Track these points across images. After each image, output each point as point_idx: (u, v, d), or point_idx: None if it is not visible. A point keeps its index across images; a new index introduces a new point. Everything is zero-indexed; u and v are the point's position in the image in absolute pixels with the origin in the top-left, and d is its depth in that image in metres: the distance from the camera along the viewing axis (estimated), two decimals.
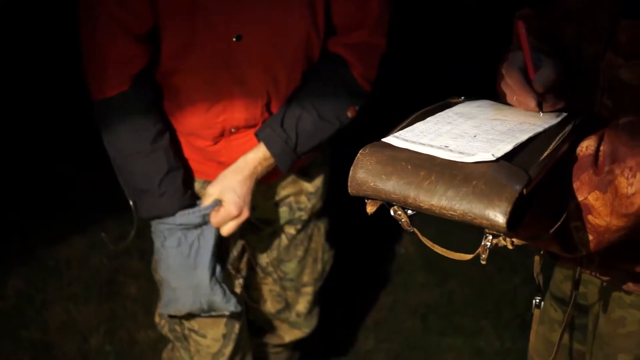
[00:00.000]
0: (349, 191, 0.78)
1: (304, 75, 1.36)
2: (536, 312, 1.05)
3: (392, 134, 0.81)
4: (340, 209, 1.65)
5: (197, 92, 1.29)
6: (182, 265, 1.33)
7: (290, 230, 1.56)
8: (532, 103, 0.84)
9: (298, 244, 1.57)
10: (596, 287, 1.06)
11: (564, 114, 0.87)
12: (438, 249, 0.80)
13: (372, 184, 0.76)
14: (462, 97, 0.94)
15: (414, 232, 0.79)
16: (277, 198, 1.50)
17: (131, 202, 1.33)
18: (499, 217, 0.69)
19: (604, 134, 0.83)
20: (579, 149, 0.82)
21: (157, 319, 1.51)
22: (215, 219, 1.32)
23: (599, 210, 0.80)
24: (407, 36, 3.14)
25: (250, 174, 1.33)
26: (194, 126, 1.33)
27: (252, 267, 1.54)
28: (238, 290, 1.46)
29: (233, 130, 1.34)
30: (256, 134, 1.34)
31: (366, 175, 0.76)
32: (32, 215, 2.48)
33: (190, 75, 1.27)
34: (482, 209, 0.70)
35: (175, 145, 1.35)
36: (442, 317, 2.19)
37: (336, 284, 2.17)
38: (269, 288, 1.61)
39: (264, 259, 1.57)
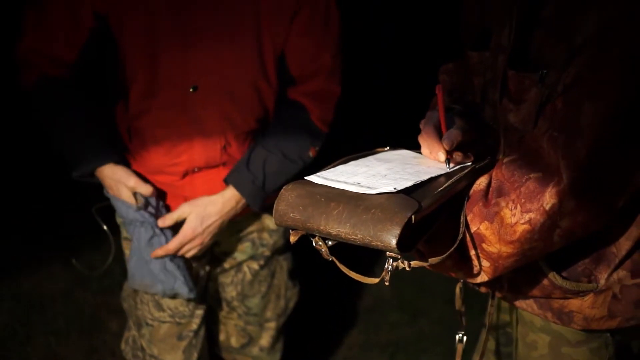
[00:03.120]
0: (274, 222, 0.87)
1: (261, 121, 1.48)
2: (459, 347, 1.13)
3: (315, 174, 0.91)
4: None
5: (160, 135, 1.41)
6: (139, 255, 1.44)
7: (254, 265, 1.63)
8: (442, 157, 0.94)
9: (261, 279, 1.65)
10: (514, 312, 1.14)
11: (469, 165, 0.96)
12: (353, 274, 0.89)
13: (291, 215, 0.85)
14: (387, 147, 1.05)
15: (332, 260, 0.88)
16: (241, 234, 1.60)
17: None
18: (391, 239, 0.78)
19: (495, 169, 0.92)
20: (474, 185, 0.92)
21: (122, 345, 1.59)
22: (175, 239, 1.42)
23: (490, 239, 0.89)
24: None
25: (223, 210, 1.44)
26: (159, 165, 1.44)
27: (215, 262, 1.62)
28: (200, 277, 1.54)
29: (196, 169, 1.45)
30: (225, 180, 1.45)
31: (287, 207, 0.86)
32: (19, 250, 2.57)
33: (153, 119, 1.40)
34: (377, 233, 0.79)
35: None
36: (411, 355, 2.25)
37: (308, 321, 2.25)
38: (234, 323, 1.68)
39: (229, 293, 1.65)
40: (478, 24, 1.05)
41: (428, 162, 0.97)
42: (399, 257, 0.81)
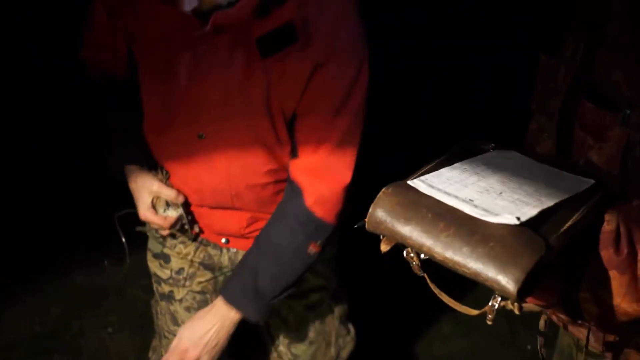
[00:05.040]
0: (366, 227, 0.78)
1: (275, 175, 1.31)
2: None
3: (417, 176, 0.81)
4: (368, 252, 1.68)
5: (172, 169, 1.35)
6: None
7: (298, 307, 1.53)
8: None
9: (308, 324, 1.55)
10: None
11: (591, 181, 0.85)
12: (445, 298, 0.83)
13: (389, 225, 0.76)
14: (492, 145, 0.94)
15: (423, 276, 0.82)
16: None
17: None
18: (511, 285, 0.68)
19: (621, 211, 0.81)
20: (604, 225, 0.81)
21: (150, 353, 1.58)
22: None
23: (616, 291, 0.79)
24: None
25: (221, 331, 1.29)
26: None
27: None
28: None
29: (209, 206, 1.38)
30: (222, 293, 1.31)
31: (385, 215, 0.77)
32: (73, 245, 2.59)
33: (166, 153, 1.34)
34: (495, 272, 0.69)
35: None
36: None
37: (356, 329, 2.20)
38: None
39: (277, 337, 1.57)
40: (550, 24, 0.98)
41: (542, 169, 0.87)
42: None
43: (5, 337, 2.24)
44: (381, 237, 0.81)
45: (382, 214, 0.78)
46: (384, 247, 0.81)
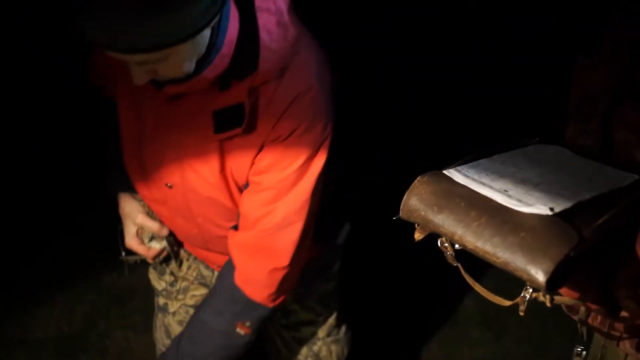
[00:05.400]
0: (400, 214, 0.78)
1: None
2: None
3: (454, 166, 0.81)
4: (404, 246, 1.62)
5: (153, 208, 1.34)
6: None
7: (289, 338, 1.51)
8: None
9: (300, 356, 1.52)
10: None
11: (634, 176, 0.83)
12: (479, 288, 0.81)
13: (422, 213, 0.76)
14: (537, 139, 0.93)
15: (457, 266, 0.80)
16: None
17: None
18: (540, 275, 0.67)
19: None
20: None
21: None
22: None
23: None
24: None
25: None
26: None
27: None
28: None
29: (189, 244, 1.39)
30: None
31: (419, 203, 0.77)
32: (101, 245, 2.60)
33: (143, 193, 1.32)
34: (524, 262, 0.68)
35: None
36: None
37: (384, 331, 2.17)
38: None
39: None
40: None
41: (585, 165, 0.85)
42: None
43: (34, 335, 2.26)
44: (415, 225, 0.80)
45: (415, 202, 0.78)
46: (418, 236, 0.81)
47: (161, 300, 1.52)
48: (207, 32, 1.01)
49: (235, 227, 1.24)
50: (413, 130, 3.04)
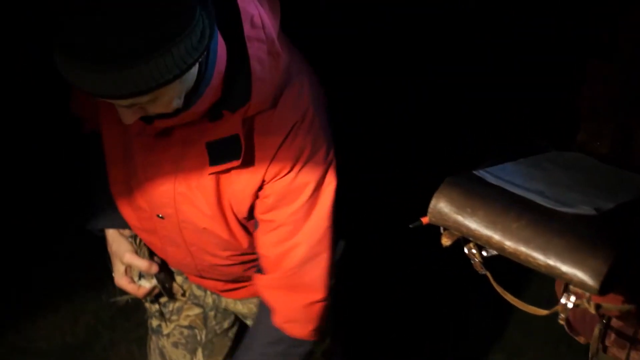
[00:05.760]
0: (429, 219, 0.75)
1: (242, 258, 1.25)
2: None
3: (481, 168, 0.78)
4: (418, 253, 1.55)
5: (145, 239, 1.30)
6: None
7: None
8: None
9: None
10: None
11: None
12: (510, 297, 0.78)
13: (454, 216, 0.73)
14: (550, 146, 0.91)
15: (485, 275, 0.77)
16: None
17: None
18: (592, 279, 0.65)
19: None
20: None
21: None
22: None
23: None
24: None
25: None
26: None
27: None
28: None
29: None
30: None
31: (449, 205, 0.73)
32: (105, 258, 2.58)
33: (134, 224, 1.28)
34: (573, 266, 0.66)
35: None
36: None
37: (395, 351, 2.11)
38: None
39: None
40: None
41: (612, 170, 0.83)
42: (586, 295, 0.68)
43: (37, 345, 2.22)
44: (441, 230, 0.77)
45: (445, 204, 0.74)
46: (446, 241, 0.78)
47: (154, 322, 1.48)
48: (194, 69, 0.97)
49: (259, 270, 1.20)
50: (415, 129, 3.01)
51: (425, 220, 0.81)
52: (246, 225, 1.20)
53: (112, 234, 1.32)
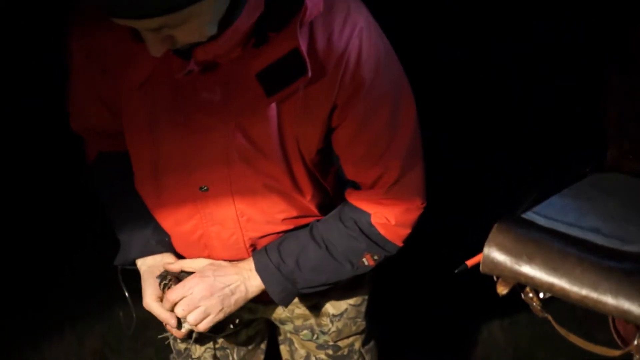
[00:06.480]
0: (481, 269, 0.72)
1: (297, 222, 1.17)
2: None
3: (527, 208, 0.75)
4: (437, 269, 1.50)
5: (176, 233, 1.19)
6: None
7: (321, 355, 1.37)
8: None
9: None
10: None
11: None
12: (574, 339, 0.72)
13: (509, 265, 0.70)
14: (588, 168, 0.87)
15: (546, 317, 0.71)
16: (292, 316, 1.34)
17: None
18: None
19: None
20: None
21: None
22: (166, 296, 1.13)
23: None
24: None
25: (238, 290, 1.13)
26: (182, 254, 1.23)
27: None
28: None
29: (222, 261, 1.21)
30: (255, 260, 1.15)
31: (503, 254, 0.70)
32: (112, 275, 2.51)
33: (165, 216, 1.17)
34: None
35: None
36: None
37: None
38: None
39: None
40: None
41: None
42: None
43: None
44: (495, 278, 0.74)
45: (498, 253, 0.71)
46: (502, 290, 0.75)
47: (181, 346, 1.39)
48: None
49: (351, 185, 1.12)
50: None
51: (470, 263, 0.78)
52: (312, 169, 1.09)
53: (142, 272, 1.21)
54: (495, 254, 0.70)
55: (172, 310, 1.14)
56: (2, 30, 2.56)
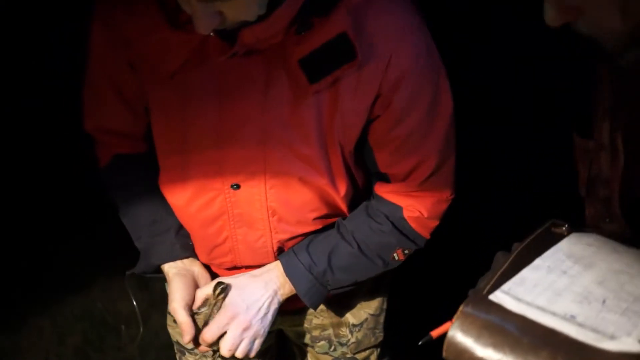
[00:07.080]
0: (443, 354, 0.66)
1: (326, 221, 1.16)
2: None
3: (495, 284, 0.69)
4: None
5: (199, 236, 1.16)
6: None
7: None
8: None
9: None
10: None
11: None
12: None
13: (476, 354, 0.64)
14: (566, 226, 0.81)
15: None
16: (309, 327, 1.32)
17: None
18: None
19: None
20: None
21: None
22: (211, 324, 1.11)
23: None
24: None
25: (272, 299, 1.12)
26: (202, 260, 1.20)
27: None
28: None
29: (245, 267, 1.18)
30: (282, 263, 1.14)
31: (469, 341, 0.64)
32: (93, 269, 2.44)
33: (189, 217, 1.15)
34: None
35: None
36: None
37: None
38: None
39: None
40: None
41: (636, 258, 0.73)
42: None
43: None
44: None
45: (464, 339, 0.65)
46: None
47: (190, 358, 1.36)
48: None
49: (381, 179, 1.13)
50: None
51: (435, 334, 0.75)
52: (348, 162, 1.09)
53: (172, 274, 1.16)
54: (459, 340, 0.65)
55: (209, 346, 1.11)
56: (2, 30, 2.50)
